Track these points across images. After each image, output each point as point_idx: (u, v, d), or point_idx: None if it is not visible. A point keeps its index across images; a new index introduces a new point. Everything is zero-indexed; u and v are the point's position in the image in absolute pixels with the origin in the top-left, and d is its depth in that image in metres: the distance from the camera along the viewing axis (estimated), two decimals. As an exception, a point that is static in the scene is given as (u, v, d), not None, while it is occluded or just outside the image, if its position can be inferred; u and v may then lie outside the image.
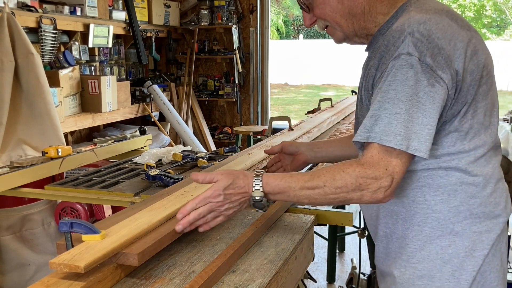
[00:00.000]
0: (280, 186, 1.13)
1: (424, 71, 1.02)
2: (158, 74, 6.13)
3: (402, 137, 1.00)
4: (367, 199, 1.06)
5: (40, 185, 2.01)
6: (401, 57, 1.03)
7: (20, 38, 3.06)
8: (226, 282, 1.06)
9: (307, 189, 1.10)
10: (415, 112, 1.01)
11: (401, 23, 1.08)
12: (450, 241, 1.13)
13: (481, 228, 1.13)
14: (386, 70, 1.06)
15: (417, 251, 1.16)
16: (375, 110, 1.04)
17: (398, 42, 1.05)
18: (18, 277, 2.46)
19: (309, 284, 3.23)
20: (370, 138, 1.04)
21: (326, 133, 2.90)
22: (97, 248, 1.01)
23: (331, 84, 17.52)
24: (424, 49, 1.02)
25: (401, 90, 1.02)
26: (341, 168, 1.07)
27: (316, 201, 1.11)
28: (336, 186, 1.06)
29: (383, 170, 1.03)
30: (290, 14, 20.86)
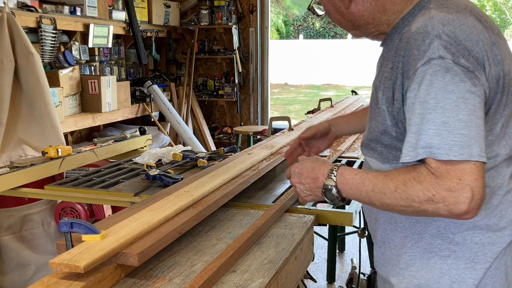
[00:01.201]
0: (353, 181, 1.06)
1: (463, 72, 0.94)
2: (158, 74, 6.13)
3: (459, 146, 0.91)
4: (445, 213, 0.94)
5: (40, 185, 2.01)
6: (432, 62, 0.96)
7: (20, 38, 3.06)
8: (226, 282, 1.06)
9: (379, 191, 1.01)
10: (467, 116, 0.92)
11: (422, 24, 1.00)
12: (450, 251, 1.09)
13: (484, 240, 1.08)
14: (416, 77, 0.97)
15: (416, 260, 1.12)
16: (417, 124, 0.96)
17: (424, 46, 0.97)
18: (18, 277, 2.46)
19: (309, 284, 3.23)
20: (419, 155, 0.95)
21: (326, 133, 2.90)
22: (97, 248, 1.01)
23: (331, 84, 17.52)
24: (455, 51, 0.96)
25: (443, 98, 0.93)
26: (411, 174, 0.97)
27: (388, 207, 1.01)
28: (407, 194, 0.97)
29: (457, 180, 0.92)
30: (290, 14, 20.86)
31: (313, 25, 22.03)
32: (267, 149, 2.10)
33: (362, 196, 1.05)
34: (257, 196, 1.71)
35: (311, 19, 21.87)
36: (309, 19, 21.92)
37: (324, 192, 1.10)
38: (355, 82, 15.84)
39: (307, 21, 22.03)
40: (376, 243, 1.23)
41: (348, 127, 1.56)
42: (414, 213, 0.99)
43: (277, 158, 2.01)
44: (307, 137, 1.55)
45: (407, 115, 1.00)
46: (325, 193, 1.10)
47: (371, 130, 1.15)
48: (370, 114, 1.17)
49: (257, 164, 1.88)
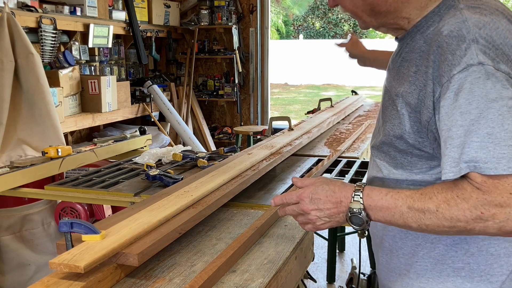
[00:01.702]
0: (383, 202, 0.97)
1: (505, 78, 0.88)
2: (158, 74, 6.13)
3: (507, 159, 0.85)
4: (494, 231, 0.88)
5: (40, 185, 2.01)
6: (471, 68, 0.89)
7: (20, 38, 3.06)
8: (226, 282, 1.06)
9: (416, 211, 0.93)
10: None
11: (455, 27, 0.94)
12: (464, 263, 1.03)
13: (500, 250, 1.02)
14: (451, 85, 0.90)
15: (427, 271, 1.06)
16: (459, 137, 0.89)
17: (460, 51, 0.91)
18: (18, 277, 2.46)
19: (309, 284, 3.23)
20: (463, 171, 0.88)
21: (326, 133, 2.90)
22: (97, 248, 1.01)
23: (331, 84, 17.52)
24: (494, 56, 0.90)
25: (486, 107, 0.87)
26: (454, 192, 0.90)
27: (428, 228, 0.93)
28: (451, 214, 0.90)
29: (507, 195, 0.86)
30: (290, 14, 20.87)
31: (313, 25, 22.04)
32: (267, 149, 2.10)
33: (395, 219, 0.96)
34: (257, 196, 1.71)
35: (311, 19, 21.87)
36: (309, 19, 21.92)
37: (350, 217, 1.00)
38: (355, 82, 15.85)
39: (307, 21, 22.04)
40: (382, 250, 1.16)
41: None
42: (457, 233, 0.93)
43: (277, 158, 2.01)
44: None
45: (441, 126, 0.93)
46: (351, 218, 1.00)
47: (385, 133, 1.08)
48: (384, 115, 1.09)
49: (257, 164, 1.88)
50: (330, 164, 2.12)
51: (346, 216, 1.01)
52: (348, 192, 1.01)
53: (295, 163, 2.19)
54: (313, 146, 2.55)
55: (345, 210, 1.01)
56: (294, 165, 2.16)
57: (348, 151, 2.42)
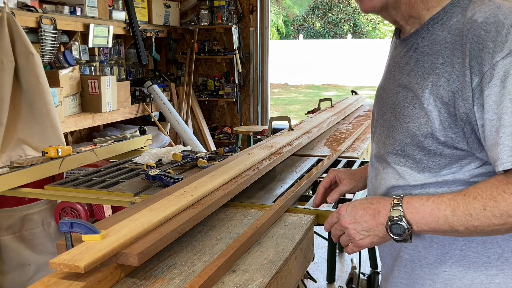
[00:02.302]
0: (425, 207, 0.93)
1: None
2: (158, 74, 6.13)
3: None
4: None
5: (40, 185, 2.01)
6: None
7: (20, 38, 3.06)
8: (226, 282, 1.06)
9: (462, 213, 0.90)
10: None
11: (491, 13, 0.91)
12: (498, 269, 0.98)
13: None
14: (496, 72, 0.88)
15: (456, 279, 1.01)
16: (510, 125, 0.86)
17: (501, 37, 0.88)
18: (18, 277, 2.46)
19: (309, 284, 3.23)
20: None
21: (326, 133, 2.90)
22: (97, 248, 1.01)
23: (331, 84, 17.53)
24: None
25: None
26: (499, 188, 0.88)
27: (477, 229, 0.90)
28: (501, 210, 0.87)
29: None
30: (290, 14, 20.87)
31: (313, 25, 22.04)
32: (267, 149, 2.10)
33: (439, 224, 0.92)
34: (257, 196, 1.71)
35: (311, 19, 21.87)
36: (309, 19, 21.92)
37: (390, 227, 0.95)
38: (355, 82, 15.86)
39: (307, 21, 22.04)
40: (400, 263, 1.10)
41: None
42: (508, 230, 0.89)
43: (277, 158, 2.01)
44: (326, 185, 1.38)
45: (488, 116, 0.89)
46: (391, 227, 0.95)
47: (409, 134, 1.01)
48: (404, 116, 1.02)
49: (257, 164, 1.88)
50: (330, 164, 2.12)
51: (386, 227, 0.96)
52: (387, 202, 0.97)
53: (295, 163, 2.19)
54: (313, 146, 2.55)
55: (384, 222, 0.96)
56: (294, 165, 2.16)
57: (348, 151, 2.43)
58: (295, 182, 1.88)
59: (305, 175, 1.93)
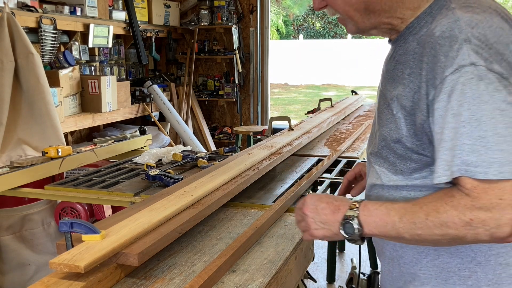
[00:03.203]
0: (378, 212, 0.96)
1: (498, 79, 0.86)
2: (158, 74, 6.13)
3: (499, 163, 0.83)
4: (486, 238, 0.85)
5: (40, 185, 2.01)
6: (463, 69, 0.87)
7: (20, 38, 3.06)
8: (226, 282, 1.06)
9: (408, 220, 0.92)
10: (505, 129, 0.83)
11: (447, 27, 0.91)
12: (471, 271, 0.99)
13: (509, 260, 0.99)
14: (444, 87, 0.89)
15: (431, 279, 1.03)
16: (451, 140, 0.87)
17: (452, 52, 0.88)
18: (18, 277, 2.46)
19: (309, 284, 3.23)
20: (455, 174, 0.86)
21: (326, 133, 2.91)
22: (97, 248, 1.01)
23: (331, 84, 17.53)
24: (487, 56, 0.87)
25: (478, 109, 0.84)
26: (443, 200, 0.89)
27: (420, 238, 0.91)
28: (441, 221, 0.88)
29: (497, 200, 0.84)
30: (290, 14, 20.87)
31: (313, 25, 22.04)
32: (267, 149, 2.10)
33: (387, 229, 0.95)
34: (257, 196, 1.71)
35: (311, 19, 21.87)
36: (309, 19, 21.92)
37: (344, 225, 0.98)
38: (355, 82, 15.86)
39: (307, 21, 22.03)
40: (384, 259, 1.14)
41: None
42: (451, 242, 0.90)
43: (277, 158, 2.01)
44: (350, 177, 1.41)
45: (435, 128, 0.91)
46: (345, 225, 0.98)
47: (383, 137, 1.05)
48: (381, 120, 1.06)
49: (257, 164, 1.88)
50: (330, 164, 2.12)
51: (340, 224, 0.99)
52: (347, 202, 1.00)
53: (295, 163, 2.19)
54: (313, 146, 2.55)
55: (340, 219, 0.99)
56: (294, 165, 2.16)
57: (348, 151, 2.43)
58: (295, 182, 1.88)
59: (305, 175, 1.93)
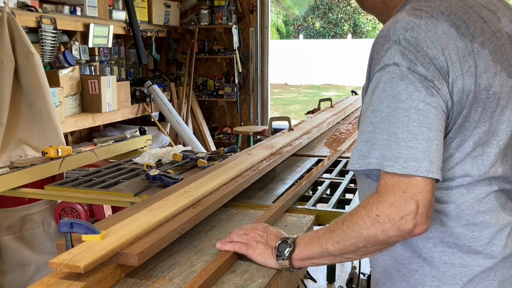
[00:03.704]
0: (310, 234, 1.03)
1: (419, 80, 0.89)
2: (158, 74, 6.13)
3: (404, 159, 0.86)
4: (395, 233, 0.88)
5: (40, 185, 2.01)
6: (387, 68, 0.91)
7: (20, 38, 3.06)
8: (226, 282, 1.06)
9: (329, 231, 0.97)
10: (418, 127, 0.87)
11: (386, 27, 0.96)
12: (419, 265, 1.03)
13: (454, 260, 1.00)
14: (371, 83, 0.94)
15: (387, 267, 1.08)
16: (369, 133, 0.91)
17: (382, 51, 0.93)
18: (18, 277, 2.46)
19: (309, 284, 3.23)
20: (372, 165, 0.90)
21: (326, 133, 2.91)
22: (97, 248, 1.01)
23: (331, 84, 17.54)
24: (413, 58, 0.90)
25: (395, 107, 0.89)
26: (359, 206, 0.93)
27: (340, 245, 0.95)
28: (353, 222, 0.92)
29: (400, 193, 0.87)
30: (290, 14, 20.86)
31: (313, 25, 22.04)
32: (267, 149, 2.10)
33: (314, 246, 1.00)
34: (257, 196, 1.71)
35: (311, 19, 21.87)
36: (309, 19, 21.92)
37: (279, 244, 1.07)
38: (355, 82, 15.84)
39: (307, 21, 22.03)
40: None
41: None
42: (368, 246, 0.92)
43: (277, 158, 2.01)
44: None
45: (361, 119, 0.96)
46: (280, 244, 1.07)
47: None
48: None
49: (257, 164, 1.88)
50: (330, 164, 2.12)
51: (277, 243, 1.07)
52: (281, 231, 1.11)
53: (295, 163, 2.19)
54: (313, 146, 2.55)
55: (279, 238, 1.08)
56: (294, 165, 2.16)
57: (348, 151, 2.42)
58: (295, 182, 1.89)
59: (305, 175, 1.93)
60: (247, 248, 1.11)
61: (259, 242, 1.10)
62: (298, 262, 1.04)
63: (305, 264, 1.05)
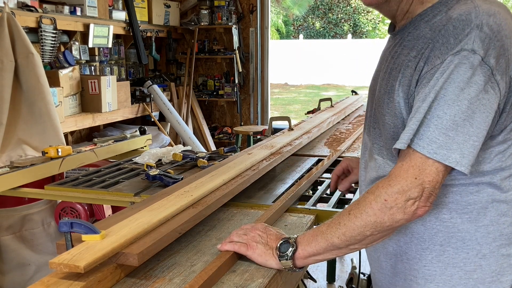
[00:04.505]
0: (311, 232, 1.03)
1: (483, 74, 0.89)
2: (158, 74, 6.13)
3: (438, 145, 0.87)
4: (400, 216, 0.89)
5: (40, 185, 2.01)
6: (462, 53, 0.89)
7: (20, 38, 3.06)
8: (226, 282, 1.06)
9: (334, 224, 0.96)
10: (462, 120, 0.87)
11: (466, 11, 0.93)
12: (476, 265, 1.01)
13: (510, 251, 1.01)
14: (442, 66, 0.91)
15: (436, 275, 1.03)
16: (422, 112, 0.90)
17: (462, 35, 0.90)
18: (18, 277, 2.46)
19: (309, 284, 3.23)
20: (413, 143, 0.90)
21: (326, 133, 2.90)
22: (97, 248, 1.01)
23: (331, 84, 17.53)
24: (490, 47, 0.89)
25: (451, 92, 0.88)
26: (367, 190, 0.94)
27: (346, 237, 0.94)
28: (360, 210, 0.91)
29: (411, 179, 0.88)
30: (290, 14, 20.86)
31: (313, 25, 22.04)
32: (267, 149, 2.10)
33: (318, 242, 0.99)
34: (257, 196, 1.71)
35: (311, 19, 21.87)
36: (309, 19, 21.91)
37: (281, 244, 1.05)
38: (355, 82, 15.85)
39: (307, 21, 22.03)
40: (386, 255, 1.14)
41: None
42: (374, 234, 0.92)
43: (277, 158, 2.01)
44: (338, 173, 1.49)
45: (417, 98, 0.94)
46: (281, 244, 1.05)
47: (386, 126, 1.04)
48: (382, 109, 1.05)
49: (257, 164, 1.88)
50: (330, 164, 2.12)
51: (278, 243, 1.05)
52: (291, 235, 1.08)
53: (295, 163, 2.19)
54: (313, 146, 2.55)
55: (280, 239, 1.06)
56: (294, 165, 2.16)
57: (348, 151, 2.42)
58: (295, 182, 1.88)
59: (305, 175, 1.93)
60: (247, 248, 1.11)
61: (258, 242, 1.10)
62: (301, 260, 1.04)
63: (308, 262, 1.04)
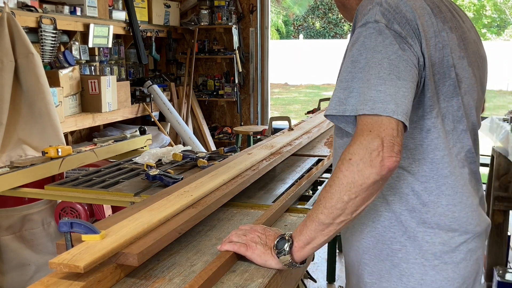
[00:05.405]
0: (300, 224, 1.06)
1: (394, 36, 0.98)
2: (158, 74, 6.13)
3: (373, 101, 0.93)
4: (369, 170, 0.91)
5: (40, 185, 2.01)
6: (368, 25, 1.00)
7: (20, 38, 3.06)
8: (226, 282, 1.06)
9: (318, 202, 1.00)
10: (388, 75, 0.95)
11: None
12: (401, 245, 1.10)
13: (435, 239, 1.08)
14: (352, 38, 1.03)
15: (369, 248, 1.14)
16: (348, 81, 0.99)
17: (365, 10, 1.03)
18: (18, 277, 2.46)
19: (309, 284, 3.23)
20: (347, 112, 0.97)
21: (326, 133, 2.90)
22: (97, 248, 1.01)
23: (331, 84, 17.51)
24: (391, 18, 1.00)
25: (371, 57, 0.97)
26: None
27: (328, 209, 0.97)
28: (333, 177, 0.97)
29: (367, 134, 0.93)
30: (290, 14, 20.85)
31: (313, 25, 22.03)
32: (267, 149, 2.10)
33: (307, 226, 1.02)
34: (257, 196, 1.71)
35: (311, 19, 21.86)
36: (309, 19, 21.91)
37: (278, 241, 1.07)
38: (355, 82, 15.82)
39: (307, 21, 22.02)
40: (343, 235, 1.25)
41: None
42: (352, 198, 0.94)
43: (277, 158, 2.01)
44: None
45: (340, 70, 1.04)
46: (278, 242, 1.07)
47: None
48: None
49: (257, 164, 1.88)
50: (330, 163, 2.12)
51: (275, 240, 1.08)
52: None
53: (295, 163, 2.19)
54: (313, 146, 2.55)
55: (277, 236, 1.09)
56: (294, 165, 2.16)
57: (348, 151, 2.42)
58: (295, 182, 1.88)
59: (305, 175, 1.93)
60: (246, 249, 1.12)
61: (257, 243, 1.11)
62: (299, 252, 1.05)
63: (306, 253, 1.06)
